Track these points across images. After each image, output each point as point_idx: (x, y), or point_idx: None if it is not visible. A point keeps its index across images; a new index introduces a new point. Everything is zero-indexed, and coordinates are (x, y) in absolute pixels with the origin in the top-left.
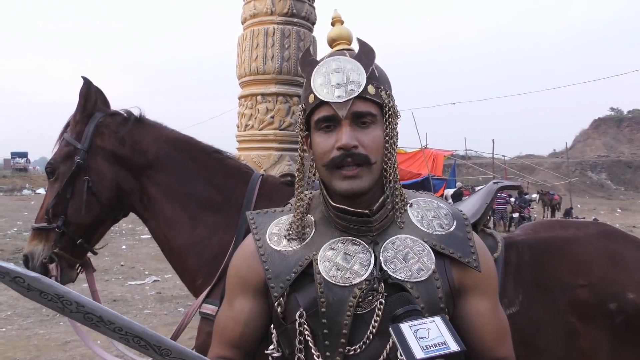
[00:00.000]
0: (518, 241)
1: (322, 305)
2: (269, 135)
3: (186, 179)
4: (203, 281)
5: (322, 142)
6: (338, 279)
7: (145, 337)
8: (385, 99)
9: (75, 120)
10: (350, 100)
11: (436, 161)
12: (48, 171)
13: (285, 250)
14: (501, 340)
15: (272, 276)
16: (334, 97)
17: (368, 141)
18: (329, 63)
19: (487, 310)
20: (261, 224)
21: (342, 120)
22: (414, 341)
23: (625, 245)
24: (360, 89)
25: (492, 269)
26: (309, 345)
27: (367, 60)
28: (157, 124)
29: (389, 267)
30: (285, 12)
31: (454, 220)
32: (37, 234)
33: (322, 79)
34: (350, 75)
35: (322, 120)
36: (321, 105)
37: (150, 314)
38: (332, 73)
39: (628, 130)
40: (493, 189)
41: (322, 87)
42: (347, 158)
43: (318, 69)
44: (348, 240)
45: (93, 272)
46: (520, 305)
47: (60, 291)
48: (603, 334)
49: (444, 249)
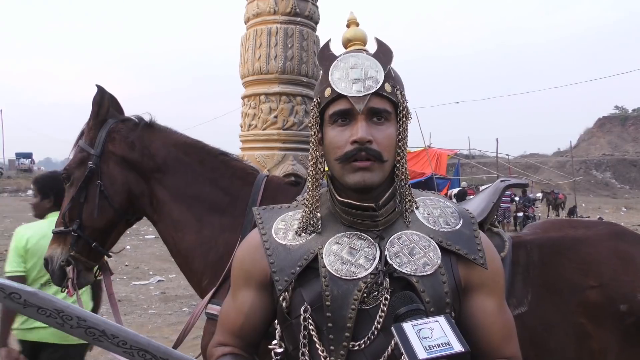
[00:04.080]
0: (527, 241)
1: (327, 299)
2: (272, 135)
3: (193, 182)
4: (209, 282)
5: (336, 136)
6: (343, 272)
7: (152, 349)
8: (400, 99)
9: (89, 126)
10: (368, 95)
11: (440, 160)
12: (64, 177)
13: (290, 244)
14: (508, 340)
15: (277, 269)
16: (352, 91)
17: (382, 138)
18: (348, 59)
19: (493, 309)
20: (267, 219)
21: (358, 115)
22: (416, 341)
23: (636, 245)
24: (378, 85)
25: (499, 268)
26: (313, 340)
27: (385, 59)
28: (166, 129)
29: (395, 261)
30: (289, 12)
31: (460, 218)
32: (56, 238)
33: (341, 73)
34: (369, 71)
35: (337, 114)
36: (338, 99)
37: (155, 314)
38: (351, 68)
39: (633, 129)
40: (500, 187)
41: (340, 80)
42: (361, 152)
43: (336, 64)
44: (354, 235)
45: (111, 275)
46: (529, 305)
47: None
48: (613, 335)
49: (450, 245)
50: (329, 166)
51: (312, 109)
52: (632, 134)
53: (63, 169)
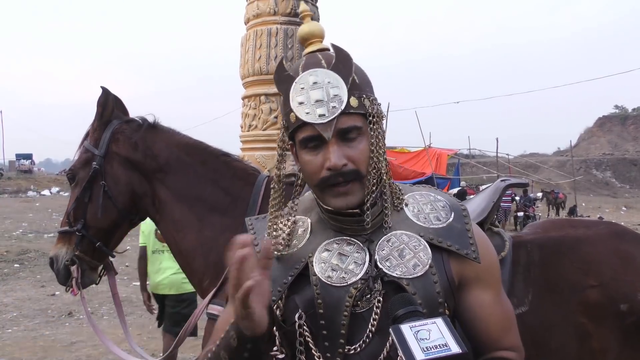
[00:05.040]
0: (527, 240)
1: (319, 307)
2: (272, 135)
3: (195, 182)
4: (210, 282)
5: (310, 162)
6: (334, 279)
7: None
8: (368, 107)
9: (94, 127)
10: (334, 119)
11: (440, 160)
12: (69, 177)
13: (281, 253)
14: (507, 330)
15: (269, 280)
16: (317, 117)
17: (357, 155)
18: (306, 78)
19: (490, 301)
20: (259, 230)
21: (328, 140)
22: (414, 342)
23: (636, 245)
24: (342, 106)
25: (493, 259)
26: (309, 346)
27: (346, 71)
28: (169, 130)
29: (384, 264)
30: (288, 12)
31: (451, 212)
32: (61, 238)
33: (302, 97)
34: (331, 90)
35: (307, 139)
36: (304, 125)
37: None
38: (311, 90)
39: (633, 128)
40: (500, 186)
41: (303, 106)
42: (339, 177)
43: (295, 86)
44: (343, 241)
45: (115, 275)
46: (530, 305)
47: None
48: (613, 335)
49: (441, 242)
50: (310, 188)
51: (280, 130)
52: (632, 133)
53: (68, 169)
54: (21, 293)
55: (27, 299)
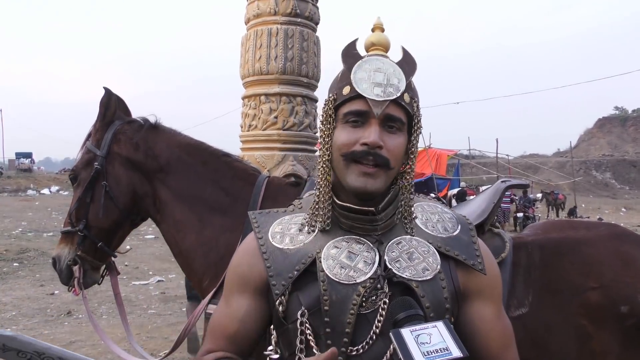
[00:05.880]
0: (528, 242)
1: (325, 304)
2: (272, 135)
3: (195, 182)
4: (210, 282)
5: (346, 135)
6: (342, 277)
7: None
8: (416, 111)
9: (96, 128)
10: (388, 101)
11: (440, 161)
12: (71, 177)
13: (287, 248)
14: (507, 347)
15: (273, 274)
16: (372, 94)
17: (392, 146)
18: (373, 61)
19: (491, 316)
20: (263, 223)
21: (373, 119)
22: (414, 346)
23: (636, 246)
24: (398, 93)
25: (497, 274)
26: (310, 345)
27: (409, 70)
28: (170, 130)
29: (394, 265)
30: (289, 12)
31: (458, 224)
32: (64, 238)
33: (363, 74)
34: (392, 78)
35: (352, 113)
36: (356, 98)
37: (155, 314)
38: (375, 71)
39: (633, 129)
40: (501, 187)
41: (362, 81)
42: (369, 156)
43: (361, 64)
44: (352, 239)
45: (117, 275)
46: (530, 306)
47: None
48: (614, 336)
49: (449, 250)
50: (333, 163)
51: (325, 104)
52: (632, 134)
53: (70, 170)
54: (20, 292)
55: (26, 298)
